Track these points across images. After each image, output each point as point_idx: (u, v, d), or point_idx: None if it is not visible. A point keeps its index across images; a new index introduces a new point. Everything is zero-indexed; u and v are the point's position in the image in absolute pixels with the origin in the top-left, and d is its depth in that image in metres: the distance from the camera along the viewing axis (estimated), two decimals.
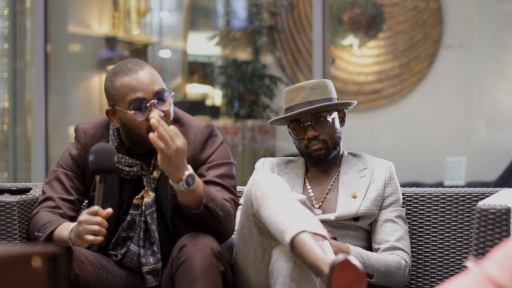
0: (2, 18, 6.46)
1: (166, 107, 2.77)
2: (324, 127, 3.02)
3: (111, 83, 2.78)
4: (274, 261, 2.62)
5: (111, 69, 2.83)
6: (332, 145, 3.04)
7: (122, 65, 2.80)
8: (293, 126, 3.06)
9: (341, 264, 2.38)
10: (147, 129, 2.72)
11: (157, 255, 2.81)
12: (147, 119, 2.71)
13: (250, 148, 7.08)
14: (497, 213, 2.54)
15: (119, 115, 2.79)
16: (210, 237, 2.70)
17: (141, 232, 2.82)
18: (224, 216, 2.74)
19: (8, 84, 6.42)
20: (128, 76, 2.76)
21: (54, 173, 2.89)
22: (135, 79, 2.75)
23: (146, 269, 2.81)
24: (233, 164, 2.89)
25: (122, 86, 2.76)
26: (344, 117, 3.12)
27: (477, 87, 6.35)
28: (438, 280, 3.08)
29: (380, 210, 3.01)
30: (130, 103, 2.74)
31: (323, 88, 3.05)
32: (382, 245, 2.96)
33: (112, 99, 2.80)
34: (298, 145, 3.07)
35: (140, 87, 2.74)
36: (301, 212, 2.61)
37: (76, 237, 2.61)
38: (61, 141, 6.03)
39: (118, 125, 2.82)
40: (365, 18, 6.58)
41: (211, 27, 7.94)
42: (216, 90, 7.78)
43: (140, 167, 2.83)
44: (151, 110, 2.74)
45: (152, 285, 2.81)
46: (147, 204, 2.82)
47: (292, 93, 3.05)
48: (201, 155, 2.85)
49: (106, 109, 2.82)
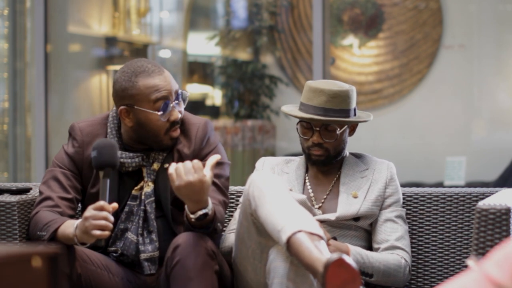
0: (2, 18, 6.46)
1: (182, 108, 2.87)
2: (331, 138, 3.00)
3: (132, 83, 2.80)
4: (271, 260, 2.63)
5: (127, 69, 2.84)
6: (334, 154, 3.03)
7: (141, 66, 2.82)
8: (301, 124, 3.04)
9: (335, 263, 2.39)
10: (166, 130, 2.82)
11: (155, 243, 2.83)
12: (168, 120, 2.81)
13: (250, 148, 7.08)
14: (497, 213, 2.54)
15: (137, 115, 2.82)
16: (205, 237, 2.72)
17: (140, 220, 2.84)
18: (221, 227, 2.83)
19: (8, 84, 6.42)
20: (152, 77, 2.80)
21: (50, 173, 2.90)
22: (160, 80, 2.81)
23: (143, 257, 2.83)
24: (229, 164, 2.95)
25: (146, 86, 2.79)
26: (355, 127, 3.08)
27: (477, 87, 6.36)
28: (438, 280, 3.08)
29: (380, 210, 3.01)
30: (156, 104, 2.79)
31: (342, 99, 2.97)
32: (382, 244, 2.96)
33: (131, 99, 2.81)
34: (302, 143, 3.07)
35: (165, 87, 2.81)
36: (298, 211, 2.62)
37: (82, 233, 2.61)
38: (61, 141, 6.01)
39: (131, 124, 2.84)
40: (365, 18, 6.58)
41: (211, 27, 7.94)
42: (216, 90, 7.78)
43: (141, 158, 2.86)
44: (172, 111, 2.82)
45: (149, 272, 2.83)
46: (147, 193, 2.84)
47: (313, 92, 2.99)
48: (202, 151, 2.89)
49: (120, 108, 2.83)
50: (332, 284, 2.38)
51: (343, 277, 2.38)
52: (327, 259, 2.41)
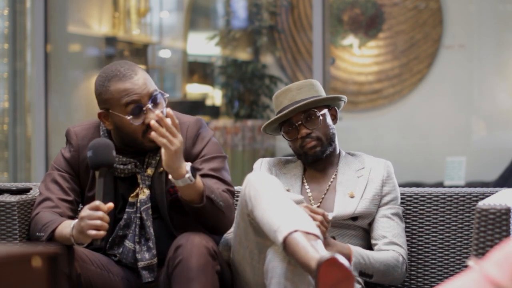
0: (2, 18, 6.46)
1: (160, 109, 2.79)
2: (315, 124, 3.02)
3: (105, 88, 2.80)
4: (268, 260, 2.63)
5: (102, 73, 2.83)
6: (327, 142, 3.04)
7: (115, 70, 2.81)
8: (285, 129, 3.06)
9: (328, 262, 2.39)
10: (143, 132, 2.77)
11: (153, 251, 2.82)
12: (143, 122, 2.76)
13: (250, 148, 7.08)
14: (497, 213, 2.54)
15: (113, 119, 2.81)
16: (206, 237, 2.72)
17: (137, 228, 2.83)
18: (225, 206, 2.79)
19: (8, 84, 6.42)
20: (123, 82, 2.78)
21: (49, 176, 2.91)
22: (131, 84, 2.77)
23: (141, 265, 2.83)
24: (225, 157, 2.93)
25: (117, 91, 2.78)
26: (336, 114, 3.11)
27: (477, 87, 6.35)
28: (438, 280, 3.08)
29: (378, 208, 3.01)
30: (127, 108, 2.77)
31: (309, 87, 3.06)
32: (380, 240, 2.97)
33: (106, 103, 2.81)
34: (294, 147, 3.08)
35: (136, 92, 2.77)
36: (294, 211, 2.62)
37: (78, 233, 2.62)
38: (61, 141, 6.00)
39: (110, 127, 2.85)
40: (365, 18, 6.58)
41: (211, 27, 7.94)
42: (216, 90, 7.78)
43: (134, 165, 2.85)
44: (147, 113, 2.77)
45: (147, 280, 2.83)
46: (142, 200, 2.83)
47: (280, 96, 3.07)
48: (193, 150, 2.88)
49: (98, 112, 2.85)
50: (324, 282, 2.38)
51: (336, 276, 2.38)
52: (319, 257, 2.41)
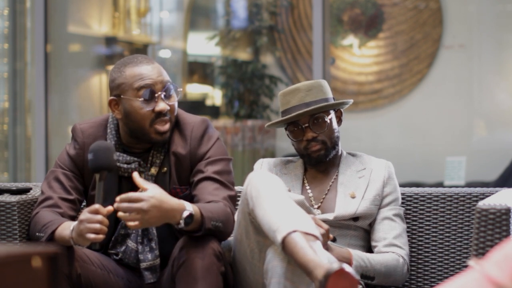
0: (2, 18, 6.46)
1: (172, 102, 2.81)
2: (322, 128, 3.02)
3: (120, 73, 2.82)
4: (268, 260, 2.63)
5: (119, 62, 2.88)
6: (331, 145, 3.04)
7: (132, 57, 2.85)
8: (291, 129, 3.05)
9: (336, 273, 2.39)
10: (151, 121, 2.78)
11: (155, 252, 2.82)
12: (153, 110, 2.78)
13: (250, 148, 7.08)
14: (497, 213, 2.54)
15: (124, 105, 2.81)
16: (211, 237, 2.71)
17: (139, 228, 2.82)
18: (224, 225, 2.73)
19: (8, 84, 6.42)
20: (139, 66, 2.81)
21: (52, 174, 2.89)
22: (145, 69, 2.81)
23: (144, 266, 2.82)
24: (230, 160, 2.90)
25: (131, 75, 2.80)
26: (341, 116, 3.11)
27: (477, 87, 6.35)
28: (438, 280, 3.08)
29: (379, 209, 3.01)
30: (139, 92, 2.78)
31: (318, 89, 3.04)
32: (380, 242, 2.97)
33: (118, 88, 2.82)
34: (297, 147, 3.07)
35: (150, 77, 2.80)
36: (294, 211, 2.62)
37: (77, 236, 2.61)
38: (61, 141, 6.03)
39: (120, 116, 2.84)
40: (365, 18, 6.57)
41: (211, 27, 7.94)
42: (216, 90, 7.78)
43: (137, 164, 2.84)
44: (157, 101, 2.79)
45: (150, 281, 2.82)
46: None
47: (288, 95, 3.05)
48: (198, 151, 2.86)
49: (109, 99, 2.84)
50: None
51: (343, 286, 2.39)
52: (328, 268, 2.40)
